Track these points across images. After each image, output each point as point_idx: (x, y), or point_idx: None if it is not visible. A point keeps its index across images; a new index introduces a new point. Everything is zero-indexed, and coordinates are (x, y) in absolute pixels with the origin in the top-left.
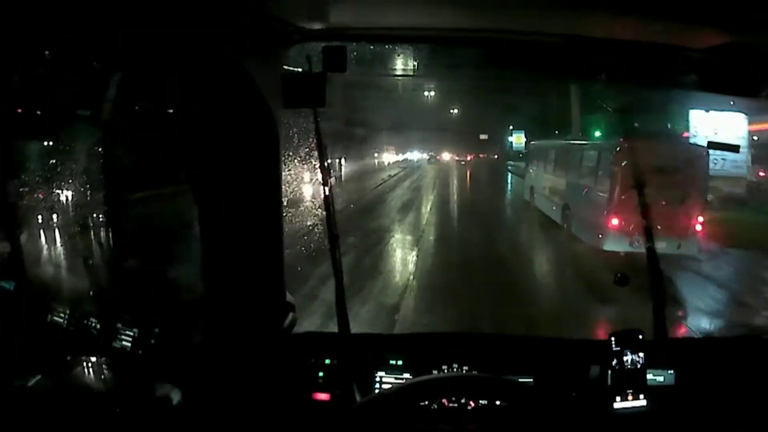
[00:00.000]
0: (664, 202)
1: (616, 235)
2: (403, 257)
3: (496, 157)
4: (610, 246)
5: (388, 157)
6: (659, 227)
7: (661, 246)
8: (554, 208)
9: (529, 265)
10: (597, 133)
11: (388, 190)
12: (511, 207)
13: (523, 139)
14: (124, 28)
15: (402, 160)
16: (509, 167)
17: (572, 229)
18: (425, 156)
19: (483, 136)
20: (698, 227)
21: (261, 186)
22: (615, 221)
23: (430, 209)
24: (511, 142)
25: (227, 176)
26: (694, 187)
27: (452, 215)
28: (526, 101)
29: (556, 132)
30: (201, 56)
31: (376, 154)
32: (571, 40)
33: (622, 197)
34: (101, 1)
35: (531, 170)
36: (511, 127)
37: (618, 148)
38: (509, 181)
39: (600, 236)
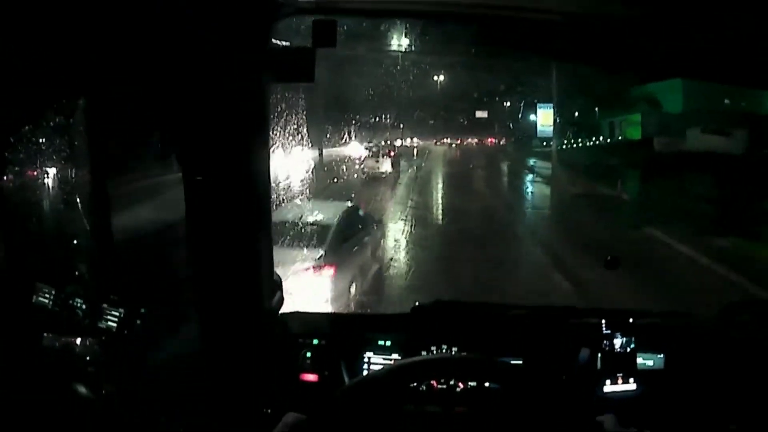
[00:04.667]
0: None
1: None
2: None
3: (497, 141)
4: None
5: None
6: None
7: None
8: None
9: None
10: None
11: None
12: None
13: (552, 118)
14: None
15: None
16: (532, 166)
17: None
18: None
19: (480, 114)
20: None
21: (249, 164)
22: None
23: None
24: (534, 122)
25: (215, 154)
26: None
27: None
28: (547, 65)
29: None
30: (188, 33)
31: None
32: (570, 18)
33: None
34: None
35: None
36: (526, 102)
37: None
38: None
39: None
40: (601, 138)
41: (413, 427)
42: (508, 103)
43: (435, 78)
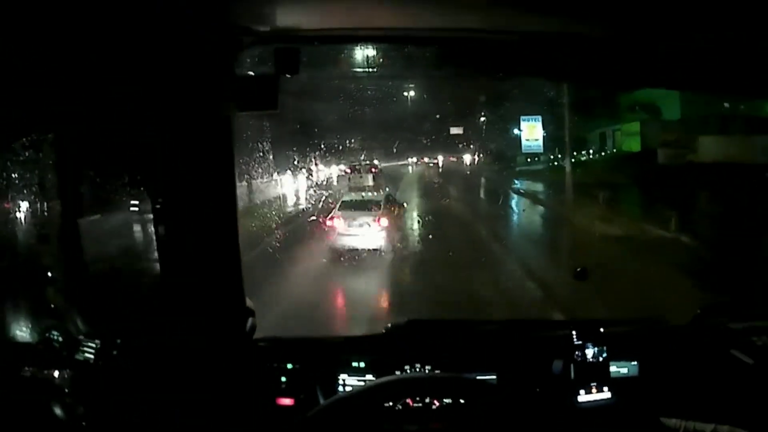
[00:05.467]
0: None
1: None
2: None
3: (476, 159)
4: None
5: None
6: None
7: None
8: None
9: None
10: None
11: None
12: None
13: (540, 132)
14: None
15: None
16: (531, 192)
17: None
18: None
19: (455, 130)
20: None
21: (215, 191)
22: None
23: None
24: (518, 137)
25: (181, 183)
26: None
27: None
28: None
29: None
30: (149, 66)
31: None
32: (527, 37)
33: None
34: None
35: None
36: (507, 116)
37: None
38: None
39: None
40: (591, 151)
41: None
42: (483, 118)
43: (405, 94)
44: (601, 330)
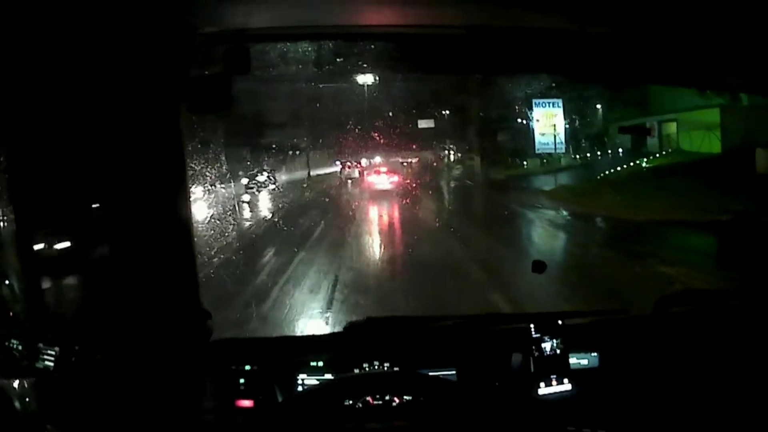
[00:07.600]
0: None
1: None
2: None
3: (447, 156)
4: None
5: None
6: None
7: None
8: None
9: None
10: None
11: None
12: None
13: (561, 122)
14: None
15: None
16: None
17: None
18: None
19: (424, 124)
20: None
21: (168, 195)
22: None
23: None
24: (525, 128)
25: (134, 187)
26: None
27: None
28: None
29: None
30: (100, 67)
31: None
32: (476, 31)
33: None
34: None
35: None
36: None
37: None
38: None
39: None
40: (620, 151)
41: None
42: (446, 111)
43: (362, 83)
44: (560, 322)
